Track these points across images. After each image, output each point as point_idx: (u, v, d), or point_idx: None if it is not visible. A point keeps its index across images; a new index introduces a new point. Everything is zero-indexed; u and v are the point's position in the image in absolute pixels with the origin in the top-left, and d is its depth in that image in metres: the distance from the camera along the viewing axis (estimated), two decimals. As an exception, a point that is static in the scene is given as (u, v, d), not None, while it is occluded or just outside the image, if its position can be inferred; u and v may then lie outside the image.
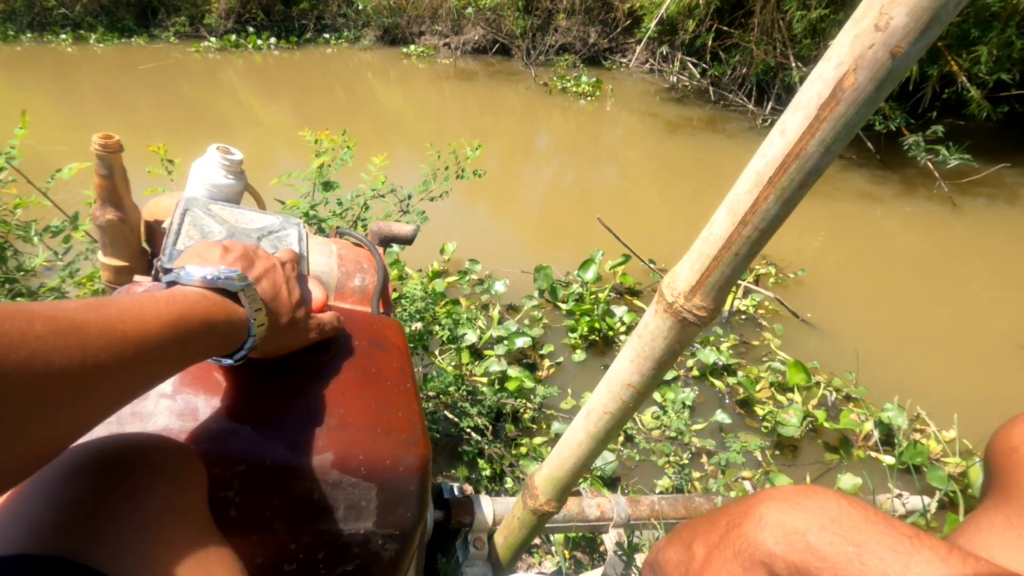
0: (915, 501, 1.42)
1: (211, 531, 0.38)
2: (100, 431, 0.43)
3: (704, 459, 1.73)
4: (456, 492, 0.93)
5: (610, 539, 1.06)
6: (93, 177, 0.76)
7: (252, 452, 0.45)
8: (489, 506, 0.92)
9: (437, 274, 2.46)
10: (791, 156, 0.46)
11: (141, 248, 0.82)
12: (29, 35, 7.07)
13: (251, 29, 7.42)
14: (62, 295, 1.73)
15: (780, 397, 1.98)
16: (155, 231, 0.80)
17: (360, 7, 7.44)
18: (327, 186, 1.62)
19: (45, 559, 0.30)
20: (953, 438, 1.78)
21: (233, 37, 7.18)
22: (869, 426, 1.81)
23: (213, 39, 7.21)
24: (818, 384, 2.01)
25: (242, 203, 0.83)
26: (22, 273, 1.84)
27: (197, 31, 7.49)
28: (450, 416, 1.66)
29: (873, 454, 1.78)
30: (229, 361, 0.45)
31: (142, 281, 0.67)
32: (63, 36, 7.03)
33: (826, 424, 1.81)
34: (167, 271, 0.61)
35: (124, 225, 0.77)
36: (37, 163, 1.66)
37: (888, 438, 1.81)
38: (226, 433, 0.45)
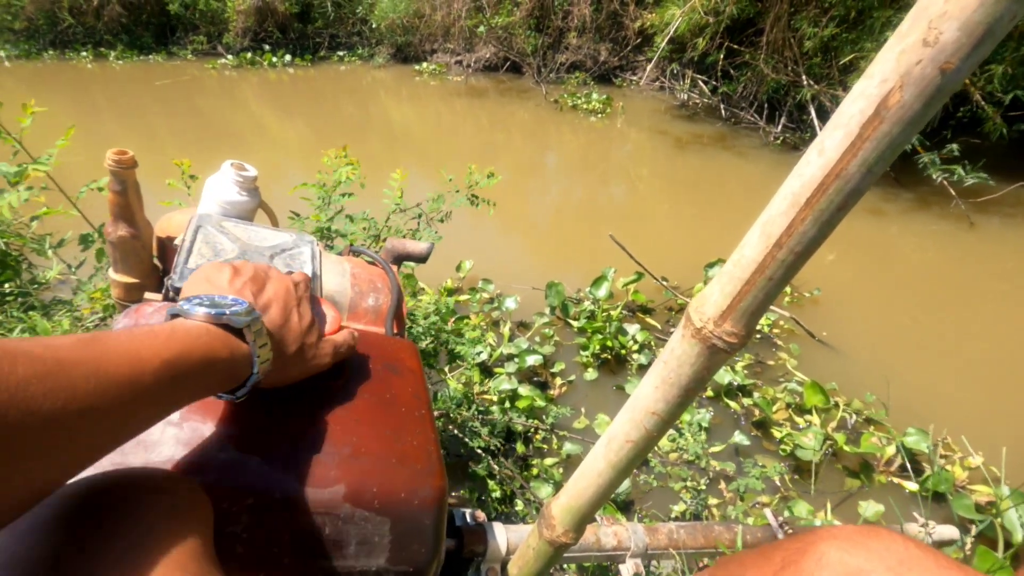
0: (943, 531, 1.36)
1: (214, 572, 0.36)
2: (103, 462, 0.41)
3: (722, 484, 1.68)
4: (468, 519, 0.89)
5: (627, 570, 1.02)
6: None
7: (261, 484, 0.43)
8: (503, 534, 0.88)
9: (451, 291, 2.45)
10: (831, 176, 0.43)
11: (153, 265, 0.81)
12: (51, 52, 7.25)
13: (267, 47, 7.55)
14: (74, 309, 1.73)
15: (798, 419, 1.93)
16: (167, 247, 0.79)
17: (374, 25, 7.56)
18: (344, 196, 1.62)
19: None
20: (979, 464, 1.73)
21: (249, 55, 7.31)
22: (891, 450, 1.76)
23: (230, 56, 7.35)
24: (837, 406, 1.96)
25: (256, 220, 0.82)
26: (36, 286, 1.84)
27: (214, 49, 7.64)
28: (459, 435, 1.62)
29: (896, 480, 1.73)
30: (230, 397, 0.43)
31: (152, 299, 0.65)
32: (84, 53, 7.19)
33: (846, 448, 1.76)
34: (177, 290, 0.59)
35: (136, 241, 0.76)
36: (55, 175, 1.67)
37: (912, 463, 1.76)
38: (234, 464, 0.43)
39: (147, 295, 0.76)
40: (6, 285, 1.73)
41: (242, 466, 0.43)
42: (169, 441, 0.43)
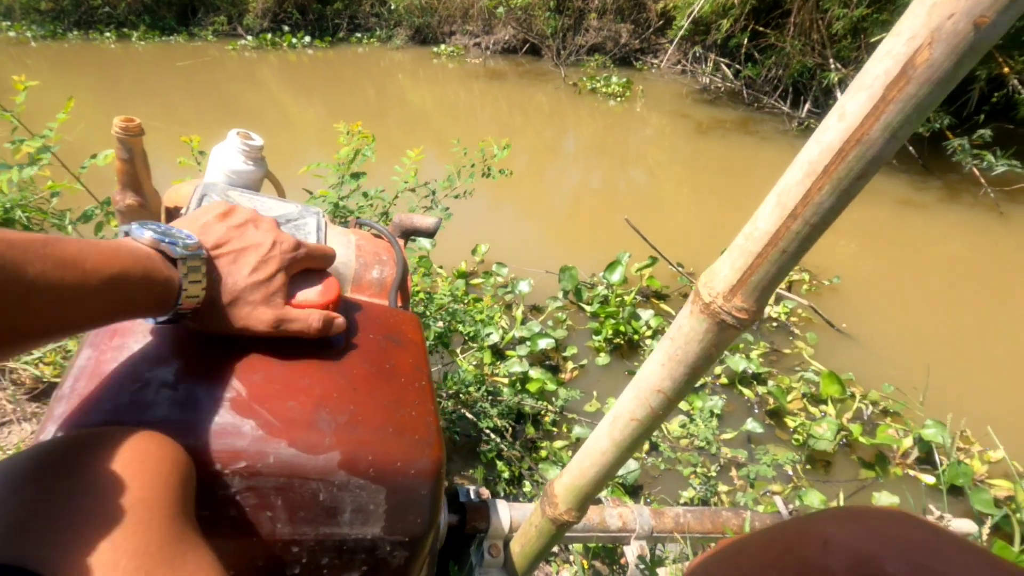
0: (959, 524, 1.33)
1: (188, 533, 0.35)
2: (98, 421, 0.41)
3: (733, 471, 1.67)
4: (472, 496, 0.89)
5: (632, 551, 1.02)
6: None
7: (255, 449, 0.42)
8: (506, 512, 0.88)
9: (464, 274, 2.44)
10: (851, 142, 0.41)
11: (161, 235, 0.81)
12: (75, 33, 7.33)
13: (286, 28, 7.55)
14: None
15: (813, 409, 1.90)
16: (174, 217, 0.79)
17: (392, 7, 7.51)
18: (355, 176, 1.61)
19: None
20: (1000, 459, 1.68)
21: (269, 36, 7.32)
22: (908, 442, 1.72)
23: (250, 38, 7.36)
24: (853, 396, 1.92)
25: (262, 190, 0.82)
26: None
27: (235, 30, 7.66)
28: (469, 416, 1.63)
29: (912, 472, 1.69)
30: (154, 322, 0.46)
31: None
32: (107, 34, 7.26)
33: (862, 439, 1.73)
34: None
35: (144, 211, 0.76)
36: (77, 153, 1.68)
37: (928, 456, 1.72)
38: (228, 427, 0.43)
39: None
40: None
41: (236, 430, 0.43)
42: (163, 403, 0.42)
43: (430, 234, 0.86)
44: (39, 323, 0.33)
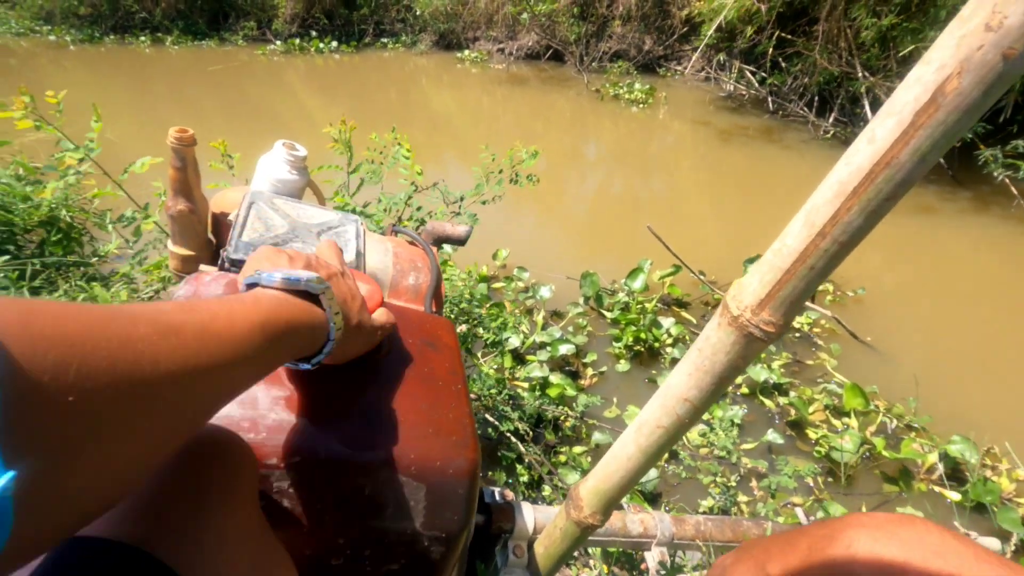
0: (984, 542, 1.32)
1: (261, 521, 0.38)
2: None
3: (753, 482, 1.66)
4: (498, 497, 0.92)
5: (652, 557, 1.03)
6: (165, 170, 0.80)
7: (307, 445, 0.45)
8: (530, 514, 0.90)
9: (485, 278, 2.47)
10: (880, 165, 0.43)
11: (207, 239, 0.85)
12: (112, 37, 7.56)
13: (314, 33, 7.70)
14: (131, 280, 1.83)
15: (835, 421, 1.88)
16: (221, 223, 0.83)
17: (418, 13, 7.61)
18: (375, 174, 1.65)
19: (120, 546, 0.31)
20: (1029, 477, 1.65)
21: (297, 41, 7.47)
22: (933, 458, 1.70)
23: (278, 43, 7.52)
24: (877, 410, 1.90)
25: (304, 198, 0.85)
26: (96, 259, 1.95)
27: (264, 35, 7.83)
28: (490, 419, 1.65)
29: (937, 488, 1.67)
30: (307, 366, 0.45)
31: (208, 270, 0.69)
32: (142, 38, 7.48)
33: (885, 453, 1.71)
34: (233, 261, 0.62)
35: (193, 216, 0.80)
36: (112, 157, 1.76)
37: (954, 472, 1.69)
38: (284, 425, 0.46)
39: (202, 267, 0.80)
40: (69, 257, 1.84)
41: (291, 427, 0.46)
42: (225, 400, 0.45)
43: (461, 242, 0.88)
44: (205, 396, 0.32)
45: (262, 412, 0.46)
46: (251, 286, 0.42)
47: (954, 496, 1.63)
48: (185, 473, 0.35)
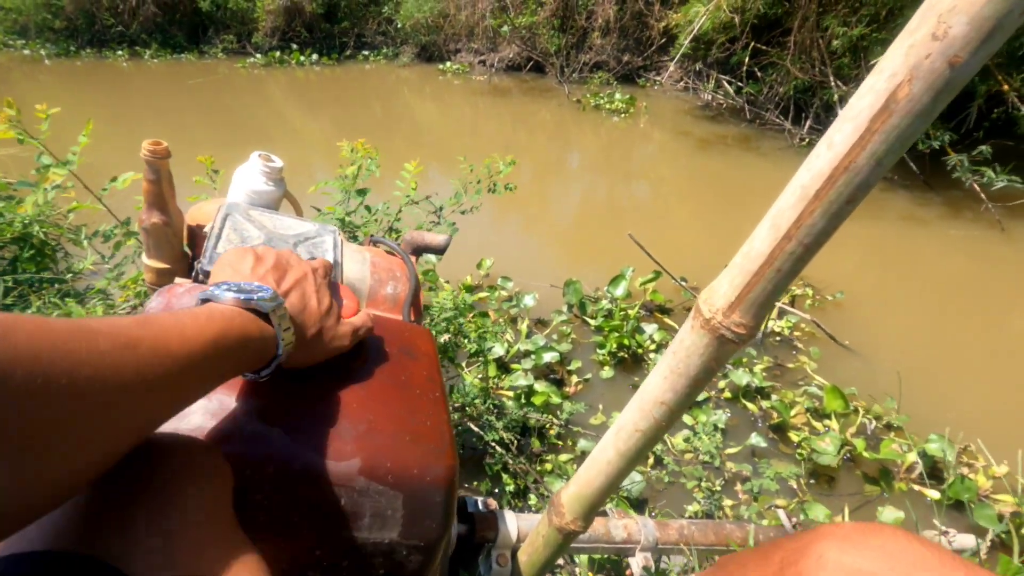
0: (963, 539, 1.34)
1: (236, 533, 0.38)
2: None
3: (738, 486, 1.68)
4: (480, 506, 0.91)
5: (636, 563, 1.03)
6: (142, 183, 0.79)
7: (282, 455, 0.45)
8: (513, 522, 0.90)
9: (470, 288, 2.47)
10: (839, 169, 0.44)
11: (183, 251, 0.84)
12: (88, 51, 7.48)
13: (295, 46, 7.69)
14: (107, 296, 1.80)
15: (816, 423, 1.91)
16: (197, 235, 0.82)
17: (399, 25, 7.64)
18: (360, 192, 1.65)
19: (68, 556, 0.30)
20: (1005, 473, 1.69)
21: (277, 54, 7.45)
22: (912, 457, 1.73)
23: (259, 55, 7.50)
24: (856, 411, 1.93)
25: (281, 209, 0.85)
26: (71, 275, 1.92)
27: (244, 48, 7.81)
28: (475, 429, 1.64)
29: (916, 487, 1.70)
30: (255, 376, 0.46)
31: (182, 283, 0.68)
32: (120, 52, 7.41)
33: (865, 454, 1.74)
34: (207, 273, 0.62)
35: (168, 229, 0.79)
36: (90, 171, 1.74)
37: (933, 471, 1.73)
38: (258, 435, 0.45)
39: (177, 280, 0.79)
40: (44, 273, 1.80)
41: (265, 438, 0.45)
42: (198, 412, 0.45)
43: (440, 251, 0.89)
44: (157, 407, 0.34)
45: (237, 423, 0.45)
46: (205, 300, 0.43)
47: (934, 495, 1.66)
48: (152, 485, 0.35)
